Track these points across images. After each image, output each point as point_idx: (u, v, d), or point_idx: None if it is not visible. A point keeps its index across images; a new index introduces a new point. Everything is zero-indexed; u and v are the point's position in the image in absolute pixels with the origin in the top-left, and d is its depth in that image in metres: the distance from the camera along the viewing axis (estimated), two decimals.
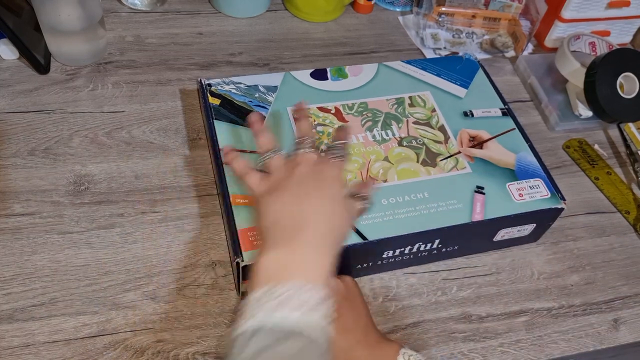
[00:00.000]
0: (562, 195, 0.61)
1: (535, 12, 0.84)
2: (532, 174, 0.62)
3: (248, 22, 0.85)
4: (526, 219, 0.60)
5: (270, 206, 0.47)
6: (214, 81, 0.66)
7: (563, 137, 0.78)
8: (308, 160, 0.50)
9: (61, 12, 0.68)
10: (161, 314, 0.55)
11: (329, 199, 0.48)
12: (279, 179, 0.49)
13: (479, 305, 0.60)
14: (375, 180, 0.59)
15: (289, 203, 0.47)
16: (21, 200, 0.61)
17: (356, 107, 0.66)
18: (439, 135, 0.65)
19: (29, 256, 0.57)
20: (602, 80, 0.74)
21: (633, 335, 0.60)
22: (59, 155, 0.65)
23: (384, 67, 0.71)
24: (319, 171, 0.49)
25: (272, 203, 0.47)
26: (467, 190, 0.60)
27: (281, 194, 0.48)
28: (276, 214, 0.47)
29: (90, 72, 0.74)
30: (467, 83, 0.71)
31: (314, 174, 0.49)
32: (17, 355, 0.51)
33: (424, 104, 0.68)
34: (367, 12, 0.91)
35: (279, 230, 0.45)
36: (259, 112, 0.63)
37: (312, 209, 0.46)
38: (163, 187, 0.64)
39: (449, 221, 0.57)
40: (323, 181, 0.49)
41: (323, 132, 0.63)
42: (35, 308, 0.54)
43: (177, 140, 0.69)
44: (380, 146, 0.62)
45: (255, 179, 0.51)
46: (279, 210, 0.47)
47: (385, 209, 0.57)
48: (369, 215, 0.56)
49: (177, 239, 0.60)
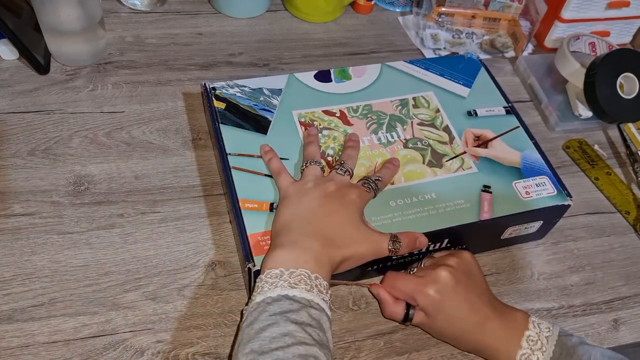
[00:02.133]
0: (568, 191, 0.61)
1: (535, 12, 0.84)
2: (537, 171, 0.62)
3: (248, 22, 0.85)
4: (533, 217, 0.60)
5: (289, 207, 0.53)
6: (218, 84, 0.66)
7: (563, 137, 0.78)
8: (340, 181, 0.55)
9: (61, 12, 0.68)
10: (161, 315, 0.55)
11: (344, 218, 0.52)
12: (308, 187, 0.54)
13: None
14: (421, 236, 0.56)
15: (306, 209, 0.52)
16: (21, 200, 0.61)
17: (360, 110, 0.66)
18: (443, 136, 0.65)
19: (29, 256, 0.57)
20: (602, 81, 0.74)
21: (633, 336, 0.60)
22: (59, 155, 0.65)
23: (387, 68, 0.71)
24: (345, 194, 0.54)
25: (292, 205, 0.53)
26: (474, 190, 0.60)
27: (302, 199, 0.53)
28: (292, 216, 0.52)
29: (90, 73, 0.74)
30: (470, 82, 0.71)
31: (339, 194, 0.54)
32: (16, 355, 0.51)
33: (427, 104, 0.68)
34: (367, 13, 0.91)
35: (287, 233, 0.51)
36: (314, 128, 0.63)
37: (326, 222, 0.51)
38: (163, 187, 0.64)
39: (457, 221, 0.57)
40: (345, 204, 0.53)
41: (329, 135, 0.63)
42: (34, 308, 0.54)
43: (177, 141, 0.69)
44: (386, 149, 0.62)
45: (287, 179, 0.56)
46: (294, 215, 0.52)
47: (394, 210, 0.57)
48: (377, 217, 0.56)
49: (177, 240, 0.60)
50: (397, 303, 0.54)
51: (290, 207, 0.53)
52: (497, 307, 0.53)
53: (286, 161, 0.59)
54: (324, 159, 0.60)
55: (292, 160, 0.60)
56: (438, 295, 0.52)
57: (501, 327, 0.52)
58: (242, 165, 0.59)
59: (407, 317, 0.54)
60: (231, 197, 0.56)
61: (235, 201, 0.56)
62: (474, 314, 0.52)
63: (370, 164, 0.61)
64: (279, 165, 0.58)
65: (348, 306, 0.58)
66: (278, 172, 0.57)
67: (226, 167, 0.58)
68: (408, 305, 0.54)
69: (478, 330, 0.52)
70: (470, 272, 0.54)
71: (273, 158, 0.58)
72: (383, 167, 0.59)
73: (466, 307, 0.52)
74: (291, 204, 0.53)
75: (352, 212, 0.53)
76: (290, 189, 0.55)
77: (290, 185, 0.55)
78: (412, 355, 0.55)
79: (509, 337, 0.51)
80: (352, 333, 0.56)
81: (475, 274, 0.55)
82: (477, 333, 0.52)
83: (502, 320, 0.52)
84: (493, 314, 0.52)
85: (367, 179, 0.56)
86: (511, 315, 0.53)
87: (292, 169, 0.59)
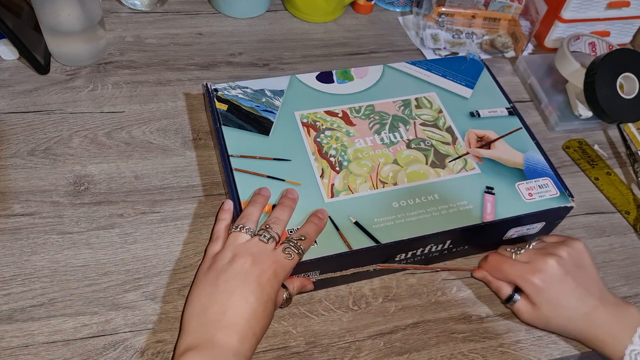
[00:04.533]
0: (570, 193, 0.61)
1: (535, 12, 0.84)
2: (540, 172, 0.62)
3: (248, 22, 0.85)
4: (536, 218, 0.60)
5: (201, 294, 0.49)
6: (220, 86, 0.66)
7: (563, 137, 0.78)
8: (258, 253, 0.51)
9: (61, 12, 0.68)
10: (161, 314, 0.55)
11: (259, 299, 0.49)
12: (223, 264, 0.50)
13: (479, 306, 0.60)
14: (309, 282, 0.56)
15: (220, 293, 0.48)
16: (21, 200, 0.61)
17: (363, 110, 0.66)
18: (446, 137, 0.65)
19: (29, 256, 0.57)
20: (602, 81, 0.74)
21: None
22: (59, 155, 0.65)
23: (389, 69, 0.71)
24: (262, 266, 0.50)
25: (205, 291, 0.49)
26: (477, 191, 0.60)
27: (215, 283, 0.49)
28: (201, 306, 0.48)
29: (90, 73, 0.74)
30: (472, 83, 0.71)
31: (254, 268, 0.50)
32: (16, 355, 0.51)
33: (430, 105, 0.68)
34: (367, 13, 0.91)
35: (201, 326, 0.47)
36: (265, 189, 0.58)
37: (239, 308, 0.48)
38: (163, 187, 0.64)
39: (460, 222, 0.57)
40: (259, 281, 0.49)
41: (331, 136, 0.63)
42: (34, 308, 0.54)
43: (177, 141, 0.69)
44: (389, 149, 0.62)
45: (213, 249, 0.53)
46: (205, 302, 0.48)
47: (397, 211, 0.57)
48: (380, 219, 0.56)
49: (177, 239, 0.60)
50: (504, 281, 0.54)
51: (201, 291, 0.50)
52: (609, 299, 0.53)
53: (288, 162, 0.59)
54: (326, 159, 0.60)
55: (294, 161, 0.60)
56: (544, 285, 0.51)
57: (611, 319, 0.51)
58: (244, 167, 0.59)
59: (511, 299, 0.54)
60: (232, 198, 0.56)
61: (237, 203, 0.56)
62: (582, 304, 0.52)
63: (372, 165, 0.61)
64: (222, 228, 0.55)
65: (348, 306, 0.58)
66: (216, 236, 0.54)
67: (228, 168, 0.58)
68: (516, 287, 0.54)
69: (585, 321, 0.52)
70: (581, 263, 0.54)
71: (223, 217, 0.56)
72: (307, 222, 0.54)
73: (574, 298, 0.51)
74: (203, 288, 0.50)
75: (267, 290, 0.49)
76: (206, 263, 0.52)
77: (214, 257, 0.52)
78: (412, 355, 0.55)
79: (619, 330, 0.51)
80: (352, 333, 0.56)
81: (586, 265, 0.54)
82: (585, 324, 0.52)
83: (612, 312, 0.52)
84: (602, 306, 0.52)
85: (288, 242, 0.52)
86: (624, 309, 0.53)
87: (293, 171, 0.59)
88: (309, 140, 0.62)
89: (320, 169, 0.60)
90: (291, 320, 0.56)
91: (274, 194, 0.57)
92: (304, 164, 0.60)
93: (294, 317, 0.56)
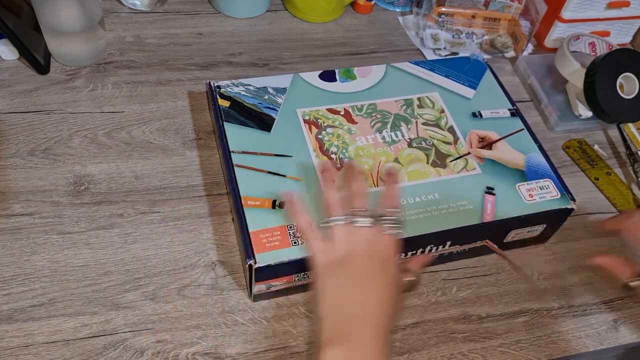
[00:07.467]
0: (572, 195, 0.61)
1: (535, 12, 0.84)
2: (541, 174, 0.62)
3: (248, 22, 0.85)
4: (537, 220, 0.60)
5: (331, 288, 0.46)
6: (223, 83, 0.66)
7: (563, 137, 0.78)
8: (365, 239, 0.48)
9: (61, 12, 0.68)
10: (161, 314, 0.55)
11: (388, 287, 0.47)
12: (341, 255, 0.48)
13: (479, 306, 0.60)
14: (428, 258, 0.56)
15: (351, 286, 0.46)
16: (21, 200, 0.61)
17: (365, 109, 0.66)
18: (448, 136, 0.65)
19: (29, 256, 0.57)
20: (602, 81, 0.74)
21: (633, 336, 0.60)
22: (59, 155, 0.65)
23: (392, 69, 0.71)
24: (376, 252, 0.48)
25: (335, 285, 0.46)
26: (477, 191, 0.60)
27: (343, 275, 0.47)
28: (336, 300, 0.46)
29: (90, 73, 0.74)
30: (475, 84, 0.71)
31: (372, 257, 0.47)
32: (16, 355, 0.51)
33: (432, 105, 0.68)
34: (367, 13, 0.91)
35: (338, 321, 0.45)
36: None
37: (373, 300, 0.46)
38: (163, 187, 0.64)
39: (460, 222, 0.57)
40: (381, 267, 0.47)
41: (333, 133, 0.63)
42: (34, 308, 0.54)
43: (177, 141, 0.69)
44: (390, 147, 0.63)
45: (319, 244, 0.49)
46: (338, 297, 0.46)
47: None
48: None
49: (177, 239, 0.60)
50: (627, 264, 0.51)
51: (332, 287, 0.47)
52: None
53: (289, 159, 0.59)
54: (328, 156, 0.60)
55: (295, 157, 0.60)
56: None
57: None
58: (245, 163, 0.59)
59: None
60: (234, 194, 0.57)
61: (237, 198, 0.56)
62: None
63: (374, 162, 0.61)
64: (307, 223, 0.51)
65: None
66: (308, 234, 0.50)
67: (229, 164, 0.59)
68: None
69: None
70: None
71: (301, 213, 0.51)
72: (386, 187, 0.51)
73: None
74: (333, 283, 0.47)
75: (391, 275, 0.48)
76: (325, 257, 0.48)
77: (325, 252, 0.48)
78: (412, 355, 0.55)
79: None
80: None
81: None
82: None
83: None
84: None
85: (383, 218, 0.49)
86: None
87: (293, 167, 0.59)
88: (311, 137, 0.62)
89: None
90: (291, 320, 0.56)
91: (274, 189, 0.57)
92: (305, 161, 0.60)
93: (294, 317, 0.56)
